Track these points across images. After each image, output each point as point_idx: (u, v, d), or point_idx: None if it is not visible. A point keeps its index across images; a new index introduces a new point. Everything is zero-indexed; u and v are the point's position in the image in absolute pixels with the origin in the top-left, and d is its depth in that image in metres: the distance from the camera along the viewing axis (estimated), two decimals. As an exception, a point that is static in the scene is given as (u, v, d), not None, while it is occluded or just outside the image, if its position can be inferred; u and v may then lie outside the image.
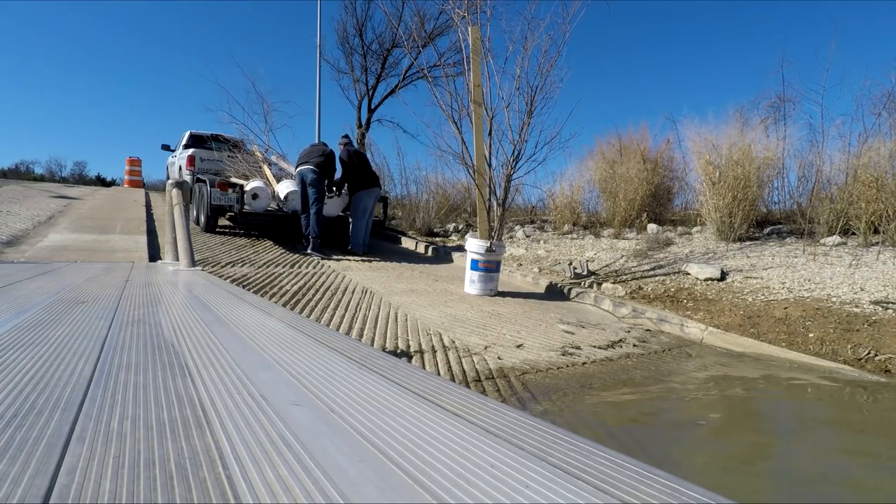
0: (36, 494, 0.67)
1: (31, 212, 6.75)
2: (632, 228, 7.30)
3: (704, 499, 0.70)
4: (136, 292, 2.57)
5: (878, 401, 2.48)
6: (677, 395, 2.50)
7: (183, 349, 1.47)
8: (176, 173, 9.11)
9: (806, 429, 2.21)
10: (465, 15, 4.45)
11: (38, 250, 4.51)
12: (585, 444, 0.88)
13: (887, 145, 5.29)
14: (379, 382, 1.21)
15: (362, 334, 2.96)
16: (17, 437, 0.84)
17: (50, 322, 1.75)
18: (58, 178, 40.26)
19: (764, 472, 1.73)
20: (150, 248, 5.10)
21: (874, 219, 5.04)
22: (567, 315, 3.90)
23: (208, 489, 0.71)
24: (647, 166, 7.54)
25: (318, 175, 5.69)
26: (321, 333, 1.77)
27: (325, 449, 0.83)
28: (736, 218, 5.80)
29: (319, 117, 10.27)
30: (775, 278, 4.37)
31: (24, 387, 1.09)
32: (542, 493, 0.71)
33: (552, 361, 2.75)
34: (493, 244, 4.34)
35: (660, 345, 3.32)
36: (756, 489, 1.61)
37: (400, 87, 12.81)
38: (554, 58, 4.42)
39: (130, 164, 13.82)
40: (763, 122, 6.75)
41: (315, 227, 5.66)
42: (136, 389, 1.11)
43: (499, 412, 1.04)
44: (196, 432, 0.89)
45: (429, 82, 5.09)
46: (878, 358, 2.92)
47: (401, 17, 11.70)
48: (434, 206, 9.39)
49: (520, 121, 4.47)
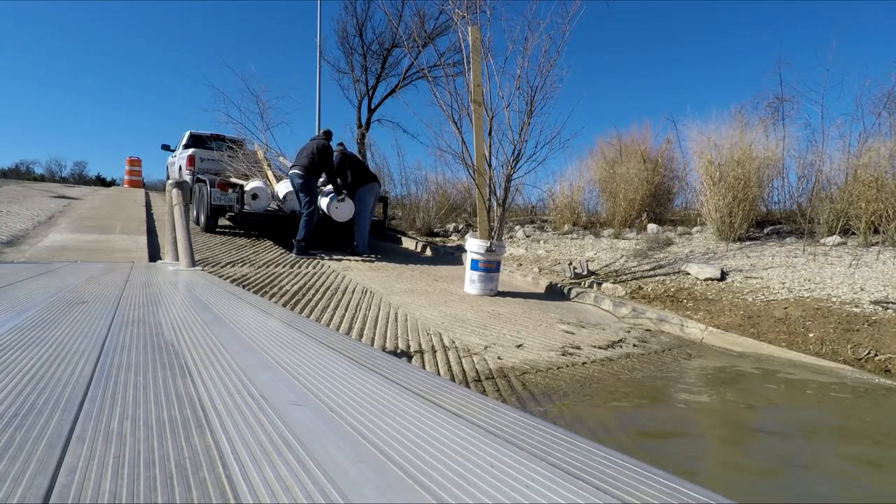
0: (36, 494, 0.67)
1: (31, 212, 6.75)
2: (632, 228, 7.30)
3: (704, 499, 0.70)
4: (136, 292, 2.57)
5: (877, 401, 2.48)
6: (677, 395, 2.50)
7: (183, 349, 1.47)
8: (176, 173, 9.11)
9: (806, 429, 2.21)
10: (465, 15, 4.45)
11: (37, 250, 4.51)
12: (585, 444, 0.88)
13: (887, 145, 5.29)
14: (379, 382, 1.21)
15: (362, 334, 2.96)
16: (17, 437, 0.84)
17: (50, 322, 1.75)
18: (58, 178, 40.27)
19: (764, 472, 1.73)
20: (150, 248, 5.10)
21: (874, 219, 5.04)
22: (567, 315, 3.90)
23: (208, 489, 0.71)
24: (648, 166, 7.54)
25: (304, 179, 5.55)
26: (321, 333, 1.77)
27: (325, 449, 0.83)
28: (736, 218, 5.80)
29: (319, 117, 10.28)
30: (775, 278, 4.37)
31: (24, 387, 1.09)
32: (542, 493, 0.71)
33: (552, 361, 2.75)
34: (493, 244, 4.34)
35: (660, 345, 3.32)
36: (756, 489, 1.61)
37: (400, 87, 12.84)
38: (554, 58, 4.43)
39: (130, 164, 13.83)
40: (763, 122, 6.76)
41: (302, 231, 5.54)
42: (136, 389, 1.11)
43: (499, 412, 1.04)
44: (196, 432, 0.89)
45: (429, 82, 5.09)
46: (878, 358, 2.92)
47: (401, 17, 11.72)
48: (434, 206, 9.39)
49: (520, 121, 4.48)
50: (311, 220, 5.58)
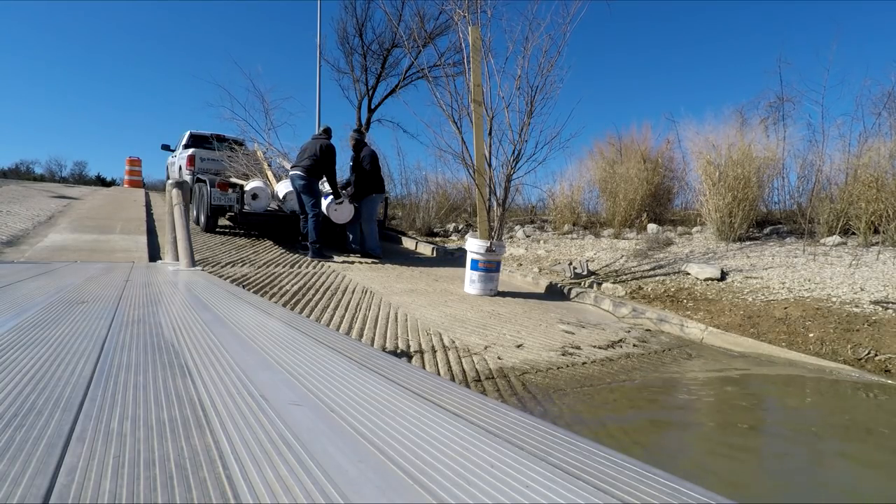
0: (36, 494, 0.67)
1: (31, 212, 6.75)
2: (632, 228, 7.30)
3: (704, 499, 0.70)
4: (136, 292, 2.57)
5: (878, 401, 2.48)
6: (678, 395, 2.50)
7: (183, 349, 1.47)
8: (176, 173, 9.11)
9: (806, 429, 2.21)
10: (465, 15, 4.45)
11: (37, 250, 4.51)
12: (585, 444, 0.88)
13: (887, 145, 5.29)
14: (379, 382, 1.21)
15: (362, 334, 2.96)
16: (17, 437, 0.84)
17: (50, 322, 1.75)
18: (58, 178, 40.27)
19: (764, 471, 1.73)
20: (150, 248, 5.10)
21: (874, 219, 5.04)
22: (567, 315, 3.90)
23: (208, 489, 0.71)
24: (647, 166, 7.54)
25: (307, 181, 5.48)
26: (321, 333, 1.77)
27: (325, 449, 0.83)
28: (736, 218, 5.80)
29: (319, 117, 10.28)
30: (775, 278, 4.37)
31: (24, 387, 1.09)
32: (542, 493, 0.71)
33: (552, 361, 2.75)
34: (493, 244, 4.34)
35: (660, 345, 3.32)
36: (756, 488, 1.61)
37: (400, 87, 12.83)
38: (554, 58, 4.43)
39: (130, 164, 13.83)
40: (763, 122, 6.77)
41: (313, 233, 5.49)
42: (136, 389, 1.11)
43: (499, 412, 1.04)
44: (196, 432, 0.89)
45: (429, 82, 5.09)
46: (878, 358, 2.92)
47: (401, 17, 11.72)
48: (434, 206, 9.39)
49: (520, 121, 4.48)
50: (318, 220, 5.52)
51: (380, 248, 6.17)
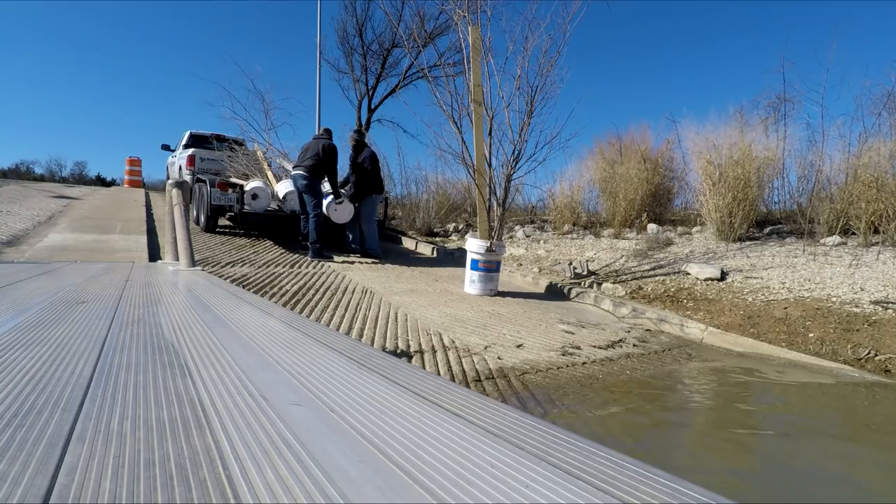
0: (36, 494, 0.67)
1: (31, 212, 6.75)
2: (632, 228, 7.30)
3: (704, 499, 0.70)
4: (136, 292, 2.57)
5: (878, 401, 2.48)
6: (677, 395, 2.50)
7: (183, 349, 1.47)
8: (176, 173, 9.11)
9: (806, 429, 2.21)
10: (465, 15, 4.44)
11: (38, 250, 4.51)
12: (585, 444, 0.88)
13: (887, 145, 5.29)
14: (379, 382, 1.21)
15: (362, 334, 2.96)
16: (17, 437, 0.84)
17: (50, 322, 1.75)
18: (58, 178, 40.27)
19: (764, 471, 1.73)
20: (150, 248, 5.10)
21: (874, 219, 5.04)
22: (567, 315, 3.90)
23: (208, 489, 0.71)
24: (648, 166, 7.54)
25: (309, 181, 5.48)
26: (321, 333, 1.77)
27: (325, 449, 0.83)
28: (736, 218, 5.80)
29: (319, 117, 10.28)
30: (775, 278, 4.37)
31: (24, 387, 1.09)
32: (542, 493, 0.71)
33: (552, 361, 2.75)
34: (493, 244, 4.34)
35: (660, 345, 3.32)
36: (756, 488, 1.61)
37: (400, 87, 12.84)
38: (554, 58, 4.43)
39: (130, 164, 13.82)
40: (763, 122, 6.76)
41: (314, 233, 5.49)
42: (136, 389, 1.11)
43: (499, 412, 1.04)
44: (196, 432, 0.89)
45: (429, 82, 5.09)
46: (878, 358, 2.92)
47: (401, 17, 11.72)
48: (434, 206, 9.39)
49: (520, 121, 4.48)
50: (319, 221, 5.52)
51: (380, 248, 6.18)
